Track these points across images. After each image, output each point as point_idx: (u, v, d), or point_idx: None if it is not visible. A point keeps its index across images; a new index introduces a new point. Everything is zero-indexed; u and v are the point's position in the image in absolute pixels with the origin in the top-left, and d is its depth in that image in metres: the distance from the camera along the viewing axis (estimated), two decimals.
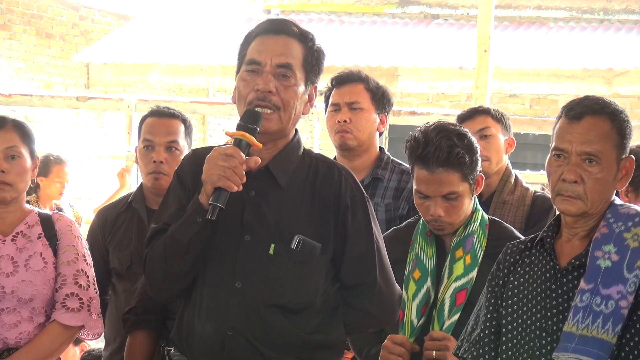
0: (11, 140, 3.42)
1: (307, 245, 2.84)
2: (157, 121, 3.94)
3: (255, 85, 2.82)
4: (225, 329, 2.84)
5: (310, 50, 2.91)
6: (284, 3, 13.78)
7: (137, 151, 3.97)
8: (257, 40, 2.89)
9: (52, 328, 3.39)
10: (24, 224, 3.45)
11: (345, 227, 2.89)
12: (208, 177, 2.74)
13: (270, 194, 2.87)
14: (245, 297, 2.83)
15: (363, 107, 4.07)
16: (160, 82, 12.20)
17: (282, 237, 2.85)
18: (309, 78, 2.90)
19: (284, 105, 2.84)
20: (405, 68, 11.52)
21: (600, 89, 10.98)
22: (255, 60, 2.85)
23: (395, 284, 3.01)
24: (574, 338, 2.60)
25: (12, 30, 12.29)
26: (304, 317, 2.88)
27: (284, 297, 2.84)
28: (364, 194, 2.96)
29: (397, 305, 3.02)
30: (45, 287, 3.39)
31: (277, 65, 2.84)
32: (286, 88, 2.84)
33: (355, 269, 2.92)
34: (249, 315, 2.83)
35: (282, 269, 2.84)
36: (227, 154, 2.74)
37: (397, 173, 4.09)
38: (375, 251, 2.94)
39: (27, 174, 3.45)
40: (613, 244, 2.65)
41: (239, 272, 2.84)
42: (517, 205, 4.11)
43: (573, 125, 2.69)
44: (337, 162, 3.02)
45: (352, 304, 2.94)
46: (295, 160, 2.92)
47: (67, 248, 3.45)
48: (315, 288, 2.88)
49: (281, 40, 2.87)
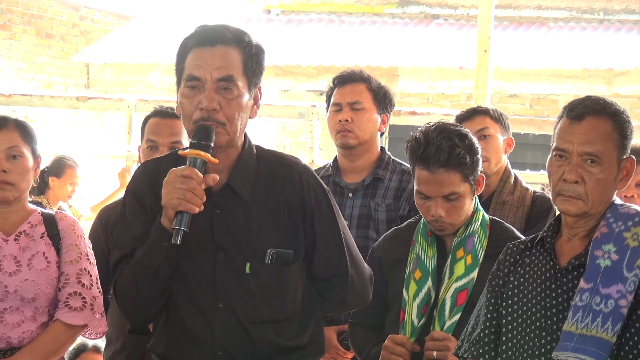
0: (13, 140, 3.42)
1: (280, 256, 2.85)
2: (161, 121, 3.95)
3: (199, 104, 2.78)
4: (214, 350, 2.84)
5: (249, 53, 2.84)
6: (284, 3, 13.77)
7: (141, 151, 3.98)
8: (193, 53, 2.81)
9: (55, 327, 3.39)
10: (27, 224, 3.46)
11: (313, 228, 2.91)
12: (168, 202, 2.71)
13: (235, 211, 2.86)
14: (229, 316, 2.83)
15: (365, 107, 4.07)
16: (160, 82, 12.20)
17: (255, 254, 2.84)
18: (251, 82, 2.85)
19: (229, 120, 2.80)
20: (405, 68, 11.52)
21: (600, 89, 10.98)
22: (195, 76, 2.79)
23: (364, 266, 3.04)
24: (574, 337, 2.60)
25: (12, 30, 12.29)
26: (287, 325, 2.90)
27: (267, 312, 2.86)
28: (325, 190, 2.96)
29: (369, 286, 3.05)
30: (48, 286, 3.40)
31: (218, 79, 2.78)
32: (229, 102, 2.79)
33: (326, 264, 2.94)
34: (237, 334, 2.84)
35: (261, 286, 2.85)
36: (184, 176, 2.71)
37: (398, 173, 4.09)
38: (343, 244, 2.96)
39: (29, 174, 3.45)
40: (613, 243, 2.66)
41: (219, 292, 2.84)
42: (517, 205, 4.11)
43: (574, 125, 2.69)
44: (294, 160, 2.99)
45: (327, 295, 2.99)
46: (252, 169, 2.90)
47: (70, 247, 3.45)
48: (295, 295, 2.91)
49: (218, 52, 2.80)
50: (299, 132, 11.98)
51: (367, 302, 3.10)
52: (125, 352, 3.91)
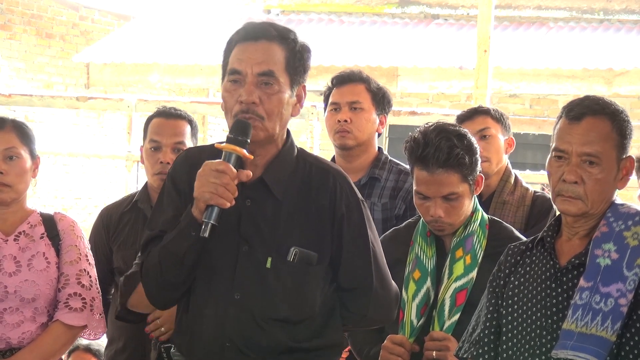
0: (10, 142, 3.42)
1: (303, 256, 2.84)
2: (164, 122, 3.94)
3: (239, 97, 2.80)
4: (224, 340, 2.84)
5: (292, 51, 2.85)
6: (284, 3, 13.77)
7: (143, 151, 3.97)
8: (237, 48, 2.84)
9: (55, 328, 3.39)
10: (27, 224, 3.46)
11: (341, 234, 2.89)
12: (200, 195, 2.72)
13: (265, 205, 2.86)
14: (242, 309, 2.83)
15: (364, 108, 4.07)
16: (160, 82, 12.20)
17: (278, 249, 2.84)
18: (294, 80, 2.85)
19: (268, 115, 2.81)
20: (405, 68, 11.52)
21: (600, 89, 10.98)
22: (237, 69, 2.82)
23: (391, 284, 3.01)
24: (573, 335, 2.60)
25: (12, 30, 12.29)
26: (303, 327, 2.88)
27: (283, 311, 2.84)
28: (359, 199, 2.95)
29: (394, 305, 3.02)
30: (48, 287, 3.40)
31: (259, 74, 2.79)
32: (269, 97, 2.81)
33: (351, 274, 2.91)
34: (246, 328, 2.83)
35: (280, 283, 2.84)
36: (218, 170, 2.72)
37: (394, 173, 4.09)
38: (371, 256, 2.93)
39: (26, 175, 3.45)
40: (613, 242, 2.66)
41: (237, 284, 2.84)
42: (517, 205, 4.10)
43: (573, 126, 2.69)
44: (332, 166, 3.00)
45: (349, 307, 2.95)
46: (289, 167, 2.90)
47: (69, 248, 3.45)
48: (314, 299, 2.89)
49: (261, 47, 2.81)
50: (299, 132, 11.98)
51: (391, 321, 3.08)
52: (127, 352, 3.91)
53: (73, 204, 12.59)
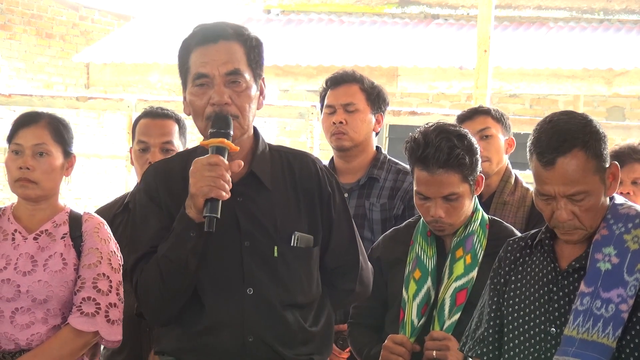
0: (41, 138, 3.34)
1: (303, 240, 2.91)
2: (151, 122, 3.93)
3: (210, 100, 2.83)
4: (244, 336, 2.84)
5: (250, 46, 2.89)
6: (284, 3, 13.76)
7: (132, 152, 3.97)
8: (197, 52, 2.86)
9: (65, 332, 3.25)
10: (51, 223, 3.35)
11: (330, 214, 2.96)
12: (198, 190, 2.73)
13: (258, 197, 2.90)
14: (260, 302, 2.85)
15: (359, 109, 4.06)
16: (160, 82, 12.19)
17: (281, 237, 2.88)
18: (256, 74, 2.91)
19: (241, 112, 2.85)
20: (405, 68, 11.51)
21: (600, 89, 10.98)
22: (203, 73, 2.84)
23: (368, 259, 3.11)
24: (575, 342, 2.60)
25: (12, 30, 12.29)
26: (309, 310, 2.94)
27: (297, 295, 2.89)
28: (337, 180, 3.04)
29: (371, 279, 3.10)
30: (62, 288, 3.28)
31: (226, 73, 2.83)
32: (239, 94, 2.85)
33: (341, 252, 2.99)
34: (268, 319, 2.85)
35: (290, 268, 2.88)
36: (211, 164, 2.74)
37: (393, 173, 4.08)
38: (355, 232, 3.03)
39: (55, 172, 3.35)
40: (613, 246, 2.65)
41: (247, 278, 2.85)
42: (518, 205, 4.10)
43: (549, 171, 2.66)
44: (304, 152, 3.08)
45: (338, 285, 3.01)
46: (268, 158, 2.96)
47: (90, 250, 3.32)
48: (317, 280, 2.95)
49: (222, 47, 2.85)
50: (299, 132, 11.98)
51: (369, 294, 3.13)
52: (124, 353, 3.90)
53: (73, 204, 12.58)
